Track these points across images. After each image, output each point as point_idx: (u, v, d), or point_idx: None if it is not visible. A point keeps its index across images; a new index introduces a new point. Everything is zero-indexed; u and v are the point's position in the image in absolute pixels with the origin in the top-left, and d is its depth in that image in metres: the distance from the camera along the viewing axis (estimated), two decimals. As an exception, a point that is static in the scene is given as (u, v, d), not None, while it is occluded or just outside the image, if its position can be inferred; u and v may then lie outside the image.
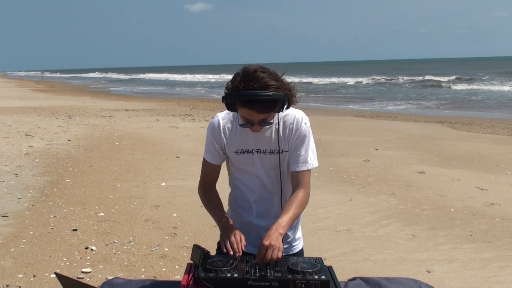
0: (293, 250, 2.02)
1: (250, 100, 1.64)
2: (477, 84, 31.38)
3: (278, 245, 1.64)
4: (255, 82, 1.62)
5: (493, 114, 16.30)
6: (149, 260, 3.85)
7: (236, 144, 1.87)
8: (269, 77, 1.64)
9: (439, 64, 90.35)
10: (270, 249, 1.62)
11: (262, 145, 1.85)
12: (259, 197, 1.93)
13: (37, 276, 3.51)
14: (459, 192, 6.02)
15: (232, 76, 1.70)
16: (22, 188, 5.96)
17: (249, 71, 1.65)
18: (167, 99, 23.82)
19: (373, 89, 31.43)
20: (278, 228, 1.69)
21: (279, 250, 1.63)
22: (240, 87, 1.64)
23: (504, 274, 3.65)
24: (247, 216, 1.96)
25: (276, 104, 1.67)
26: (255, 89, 1.62)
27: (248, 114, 1.69)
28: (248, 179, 1.93)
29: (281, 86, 1.66)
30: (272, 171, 1.89)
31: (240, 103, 1.67)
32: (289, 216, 1.76)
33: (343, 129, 12.05)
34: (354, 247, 4.19)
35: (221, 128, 1.88)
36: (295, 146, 1.85)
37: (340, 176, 6.91)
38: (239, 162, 1.91)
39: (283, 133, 1.85)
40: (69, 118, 13.85)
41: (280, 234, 1.68)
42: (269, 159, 1.87)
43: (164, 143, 9.66)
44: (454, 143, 9.88)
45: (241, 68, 1.69)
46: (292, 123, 1.84)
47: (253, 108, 1.66)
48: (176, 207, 5.30)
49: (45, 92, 29.98)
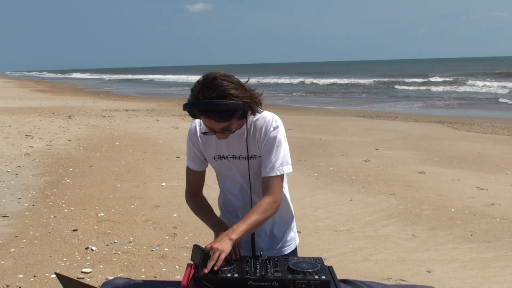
0: (284, 251, 1.99)
1: (207, 110, 1.61)
2: (450, 85, 31.80)
3: (221, 248, 1.59)
4: (213, 91, 1.59)
5: (493, 114, 16.31)
6: (149, 260, 3.85)
7: (213, 150, 1.86)
8: (229, 85, 1.60)
9: (432, 64, 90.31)
10: (211, 251, 1.58)
11: (236, 150, 1.83)
12: (242, 201, 1.92)
13: (37, 276, 3.51)
14: (459, 192, 6.02)
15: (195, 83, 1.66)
16: (22, 189, 5.96)
17: (208, 79, 1.61)
18: (167, 99, 23.83)
19: (373, 89, 31.43)
20: (230, 233, 1.65)
21: (222, 252, 1.58)
22: (198, 96, 1.60)
23: (504, 274, 3.65)
24: (234, 220, 1.93)
25: (235, 113, 1.63)
26: (212, 98, 1.58)
27: (208, 123, 1.67)
28: (229, 184, 1.93)
29: (241, 94, 1.62)
30: (247, 176, 1.85)
31: (198, 112, 1.64)
32: (247, 223, 1.69)
33: (343, 129, 12.05)
34: (354, 247, 4.19)
35: (197, 134, 1.87)
36: (264, 151, 1.80)
37: (340, 176, 6.91)
38: (218, 167, 1.91)
39: (253, 138, 1.81)
40: (69, 118, 13.86)
41: (230, 239, 1.63)
42: (243, 165, 1.84)
43: (164, 143, 9.66)
44: (454, 143, 9.88)
45: (202, 74, 1.65)
46: (262, 127, 1.79)
47: (210, 117, 1.62)
48: (176, 207, 5.30)
49: (45, 92, 29.99)
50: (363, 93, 28.38)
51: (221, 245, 1.59)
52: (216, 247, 1.58)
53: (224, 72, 1.66)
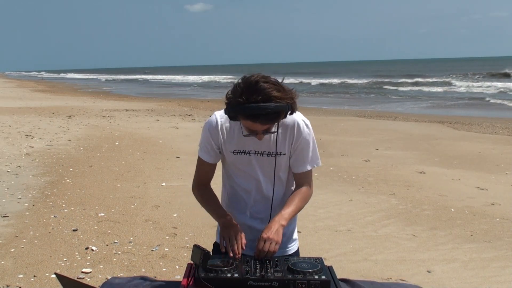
0: (287, 252, 2.00)
1: (254, 114, 1.61)
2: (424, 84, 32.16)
3: (276, 238, 1.65)
4: (258, 95, 1.58)
5: (493, 114, 16.31)
6: (149, 260, 3.85)
7: (234, 144, 1.86)
8: (272, 87, 1.61)
9: (431, 64, 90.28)
10: (267, 242, 1.64)
11: (260, 146, 1.84)
12: (254, 198, 1.93)
13: (37, 277, 3.51)
14: (459, 192, 6.02)
15: (233, 86, 1.65)
16: (23, 189, 5.96)
17: (251, 83, 1.60)
18: (167, 99, 23.82)
19: (373, 89, 31.43)
20: (280, 219, 1.72)
21: (277, 244, 1.65)
22: (242, 100, 1.60)
23: (504, 274, 3.65)
24: (241, 217, 1.94)
25: (280, 115, 1.66)
26: (258, 102, 1.58)
27: (251, 126, 1.68)
28: (244, 180, 1.92)
29: (284, 96, 1.63)
30: (267, 173, 1.89)
31: (243, 116, 1.64)
32: (292, 209, 1.79)
33: (343, 129, 12.05)
34: (354, 247, 4.19)
35: (219, 127, 1.86)
36: (299, 149, 1.86)
37: (340, 176, 6.91)
38: (235, 163, 1.90)
39: (283, 136, 1.84)
40: (69, 118, 13.86)
41: (281, 225, 1.71)
42: (267, 161, 1.87)
43: (164, 143, 9.66)
44: (454, 143, 9.88)
45: (241, 78, 1.65)
46: (294, 126, 1.83)
47: (257, 121, 1.64)
48: (176, 207, 5.30)
49: (45, 92, 29.98)
50: (363, 93, 28.40)
51: (276, 234, 1.67)
52: (272, 238, 1.65)
53: (262, 74, 1.65)
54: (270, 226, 1.69)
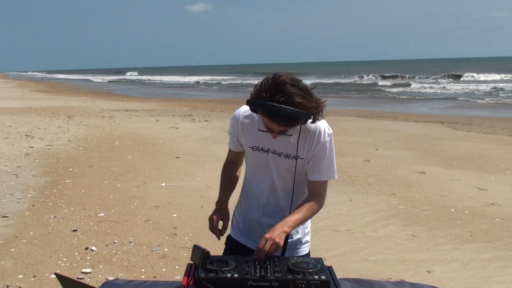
0: (299, 252, 2.01)
1: (272, 113, 1.62)
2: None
3: (277, 240, 1.65)
4: (281, 96, 1.59)
5: (493, 114, 16.31)
6: (149, 261, 3.85)
7: (253, 140, 1.88)
8: (297, 92, 1.61)
9: (433, 64, 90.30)
10: (269, 241, 1.64)
11: (279, 147, 1.84)
12: (268, 197, 1.93)
13: (37, 277, 3.51)
14: (459, 192, 6.02)
15: (262, 79, 1.66)
16: (22, 189, 5.96)
17: (279, 83, 1.61)
18: (167, 100, 23.81)
19: (373, 89, 31.43)
20: (284, 226, 1.72)
21: (277, 246, 1.65)
22: (265, 95, 1.61)
23: (504, 274, 3.65)
24: (254, 213, 1.97)
25: (297, 121, 1.66)
26: (279, 102, 1.59)
27: (268, 123, 1.69)
28: (259, 177, 1.93)
29: (307, 103, 1.62)
30: (283, 174, 1.88)
31: (262, 111, 1.66)
32: (298, 217, 1.78)
33: (343, 129, 12.04)
34: (354, 247, 4.19)
35: (239, 121, 1.89)
36: (317, 156, 1.85)
37: (340, 176, 6.90)
38: (253, 158, 1.92)
39: (303, 141, 1.82)
40: (69, 119, 13.86)
41: (284, 231, 1.70)
42: (283, 162, 1.86)
43: (164, 144, 9.66)
44: (454, 143, 9.88)
45: (273, 74, 1.65)
46: (315, 133, 1.82)
47: (273, 120, 1.64)
48: (176, 207, 5.30)
49: (45, 93, 29.98)
50: (363, 93, 28.40)
51: (278, 237, 1.67)
52: (273, 239, 1.65)
53: (293, 76, 1.65)
54: (274, 229, 1.69)
